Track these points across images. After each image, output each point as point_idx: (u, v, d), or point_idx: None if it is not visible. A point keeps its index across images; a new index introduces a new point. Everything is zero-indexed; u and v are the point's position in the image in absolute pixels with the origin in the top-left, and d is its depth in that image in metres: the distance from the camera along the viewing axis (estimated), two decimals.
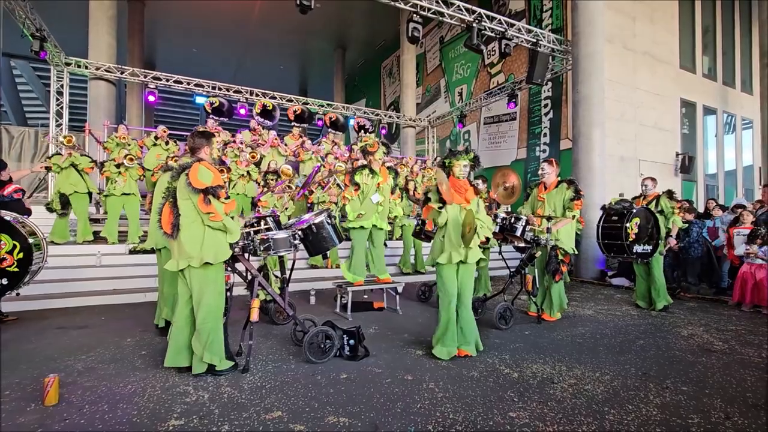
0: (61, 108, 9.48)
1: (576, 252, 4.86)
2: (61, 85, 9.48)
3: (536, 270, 4.74)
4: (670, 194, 5.47)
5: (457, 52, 15.54)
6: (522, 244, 4.63)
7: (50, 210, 6.60)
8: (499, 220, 4.50)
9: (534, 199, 4.95)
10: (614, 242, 4.89)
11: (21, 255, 3.21)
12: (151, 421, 2.33)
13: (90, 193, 6.89)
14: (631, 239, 4.76)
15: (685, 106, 12.07)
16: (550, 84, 11.31)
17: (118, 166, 6.67)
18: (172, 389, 2.77)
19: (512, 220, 4.49)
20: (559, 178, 4.84)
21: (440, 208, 3.35)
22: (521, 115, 12.69)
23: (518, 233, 4.43)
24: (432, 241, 3.55)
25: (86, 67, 9.74)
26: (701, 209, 9.21)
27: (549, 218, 4.49)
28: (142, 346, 3.72)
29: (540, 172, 4.85)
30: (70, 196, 6.59)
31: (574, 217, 4.61)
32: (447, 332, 3.39)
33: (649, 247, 5.04)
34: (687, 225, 6.47)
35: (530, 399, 2.63)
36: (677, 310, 5.33)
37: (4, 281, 3.18)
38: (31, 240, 3.27)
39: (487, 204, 5.40)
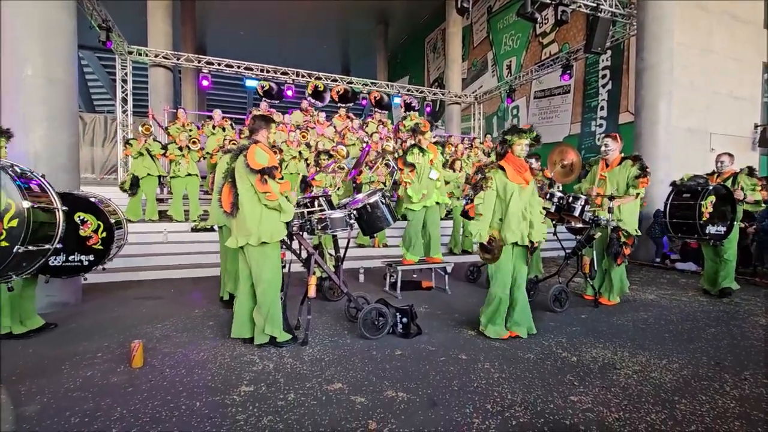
0: (126, 95, 10.11)
1: (639, 233, 4.57)
2: (126, 73, 10.08)
3: (594, 252, 4.53)
4: (750, 171, 4.97)
5: (506, 22, 14.75)
6: (580, 225, 4.42)
7: (123, 190, 7.18)
8: (555, 200, 4.31)
9: (594, 177, 4.66)
10: (684, 221, 4.54)
11: (104, 234, 3.53)
12: (224, 386, 2.52)
13: (159, 176, 7.43)
14: (704, 219, 4.40)
15: None
16: (609, 52, 10.48)
17: (180, 149, 7.10)
18: (239, 358, 2.97)
19: (570, 199, 4.29)
20: (622, 155, 4.53)
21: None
22: (576, 87, 11.93)
23: (576, 213, 4.22)
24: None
25: (146, 55, 10.26)
26: None
27: (611, 198, 4.23)
28: (209, 317, 4.01)
29: (603, 148, 4.54)
30: (143, 179, 7.14)
31: (638, 195, 4.31)
32: (498, 312, 3.37)
33: (723, 228, 4.64)
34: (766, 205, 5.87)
35: (592, 384, 2.56)
36: (753, 297, 4.92)
37: (91, 257, 3.52)
38: (112, 220, 3.58)
39: (539, 184, 5.19)
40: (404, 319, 3.48)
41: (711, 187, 4.50)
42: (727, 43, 9.99)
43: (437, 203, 5.10)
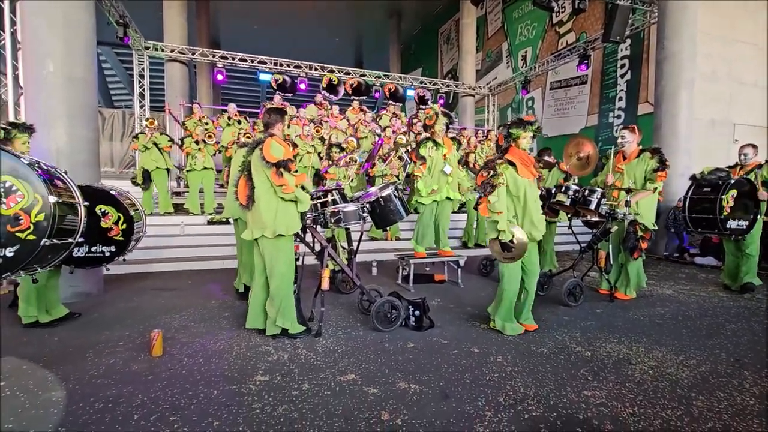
0: (143, 90, 10.27)
1: (656, 227, 4.48)
2: (143, 68, 10.23)
3: (610, 246, 4.46)
4: None
5: (521, 11, 14.47)
6: (596, 219, 4.35)
7: (135, 184, 7.33)
8: (571, 193, 4.25)
9: (610, 170, 4.58)
10: (704, 216, 4.43)
11: (125, 226, 3.64)
12: (240, 375, 2.58)
13: (168, 169, 7.53)
14: (725, 213, 4.28)
15: None
16: (628, 41, 10.20)
17: (197, 142, 7.19)
18: (255, 348, 3.03)
19: (586, 192, 4.22)
20: (640, 147, 4.43)
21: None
22: (593, 77, 11.67)
23: (592, 206, 4.16)
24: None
25: (162, 50, 10.40)
26: None
27: (628, 191, 4.15)
28: (225, 308, 4.09)
29: (619, 140, 4.44)
30: (152, 172, 7.27)
31: (656, 189, 4.21)
32: (507, 307, 3.35)
33: (745, 223, 4.52)
34: None
35: (606, 379, 2.54)
36: None
37: (113, 248, 3.63)
38: (132, 212, 3.68)
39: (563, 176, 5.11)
40: (417, 312, 3.50)
41: (732, 181, 4.37)
42: (752, 31, 9.62)
43: (448, 198, 5.05)
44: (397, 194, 3.65)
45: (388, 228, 7.39)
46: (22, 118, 4.71)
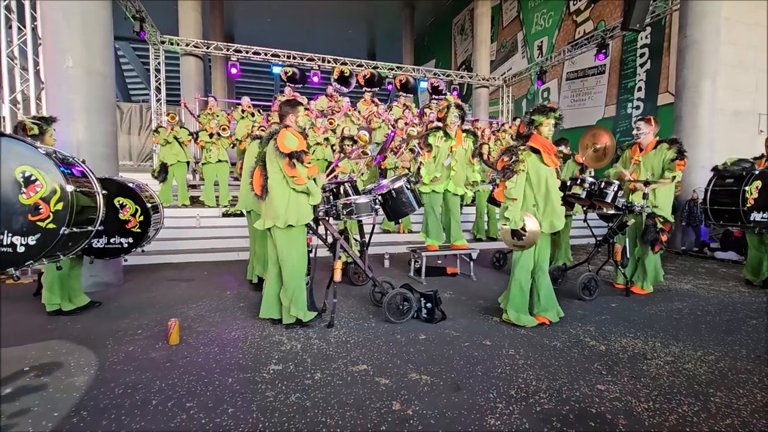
0: (159, 84, 10.42)
1: (673, 219, 4.38)
2: (159, 63, 10.37)
3: (627, 239, 4.38)
4: None
5: (537, 0, 14.15)
6: (612, 211, 4.27)
7: (154, 177, 7.46)
8: (586, 185, 4.17)
9: (626, 162, 4.48)
10: (726, 208, 4.31)
11: (142, 218, 3.73)
12: (254, 364, 2.63)
13: (188, 162, 7.65)
14: (749, 205, 4.15)
15: None
16: (648, 29, 9.91)
17: (210, 135, 7.27)
18: (269, 338, 3.08)
19: (602, 184, 4.14)
20: (657, 138, 4.32)
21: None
22: (611, 67, 11.38)
23: (608, 199, 4.08)
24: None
25: (178, 44, 10.51)
26: None
27: (646, 183, 4.05)
28: (240, 298, 4.16)
29: (635, 132, 4.34)
30: (172, 166, 7.39)
31: (674, 178, 4.10)
32: (519, 297, 3.33)
33: None
34: None
35: (620, 373, 2.50)
36: None
37: (131, 240, 3.72)
38: (149, 204, 3.75)
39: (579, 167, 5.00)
40: (428, 305, 3.50)
41: (757, 172, 4.23)
42: None
43: (449, 191, 4.96)
44: (409, 186, 3.64)
45: (400, 220, 7.37)
46: (44, 112, 4.83)
